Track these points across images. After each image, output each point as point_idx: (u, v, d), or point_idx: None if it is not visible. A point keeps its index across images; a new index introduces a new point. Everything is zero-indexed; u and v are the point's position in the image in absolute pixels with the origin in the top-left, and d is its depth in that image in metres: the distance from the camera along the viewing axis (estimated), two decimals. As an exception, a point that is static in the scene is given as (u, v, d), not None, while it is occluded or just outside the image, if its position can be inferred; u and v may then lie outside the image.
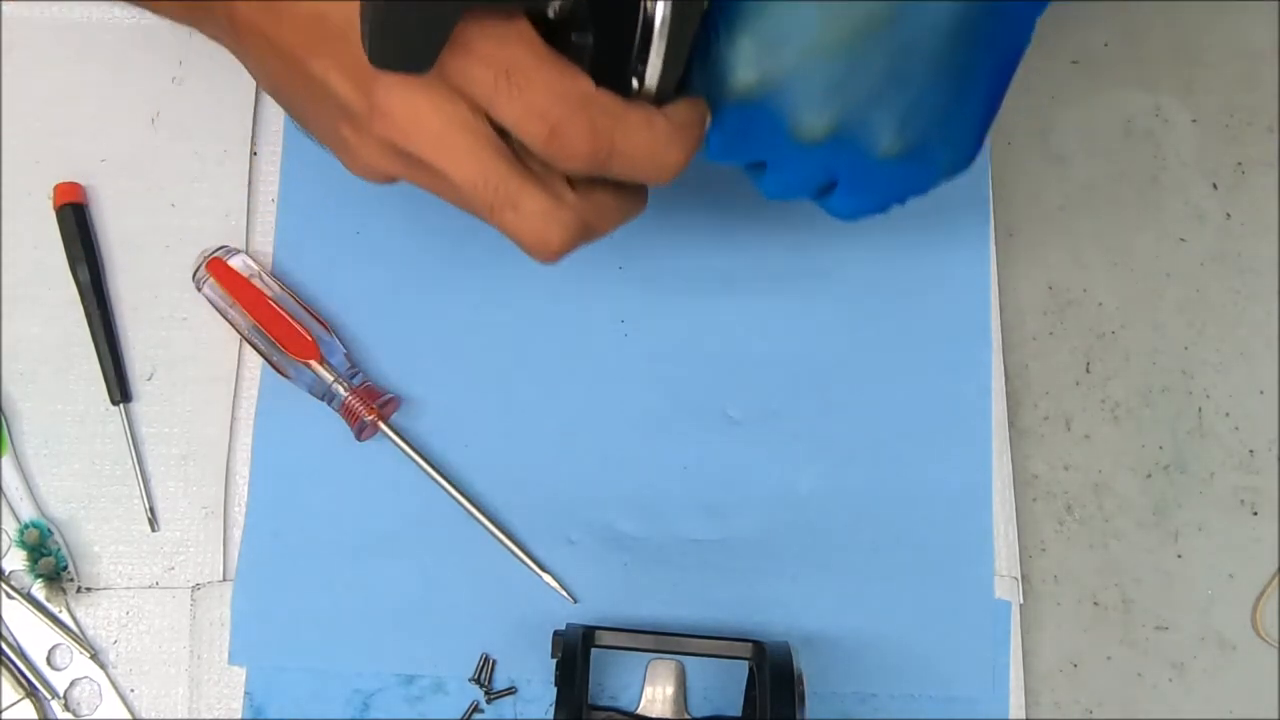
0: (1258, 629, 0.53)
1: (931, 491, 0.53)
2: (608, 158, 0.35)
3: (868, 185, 0.41)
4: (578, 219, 0.37)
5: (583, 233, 0.38)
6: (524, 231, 0.37)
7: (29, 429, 0.52)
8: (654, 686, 0.49)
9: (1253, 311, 0.56)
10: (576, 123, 0.34)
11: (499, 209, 0.37)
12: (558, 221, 0.37)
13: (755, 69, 0.36)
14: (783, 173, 0.41)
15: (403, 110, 0.36)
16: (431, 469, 0.51)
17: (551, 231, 0.37)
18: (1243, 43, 0.58)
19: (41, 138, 0.54)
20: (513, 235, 0.37)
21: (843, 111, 0.38)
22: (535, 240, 0.37)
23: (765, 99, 0.37)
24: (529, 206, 0.36)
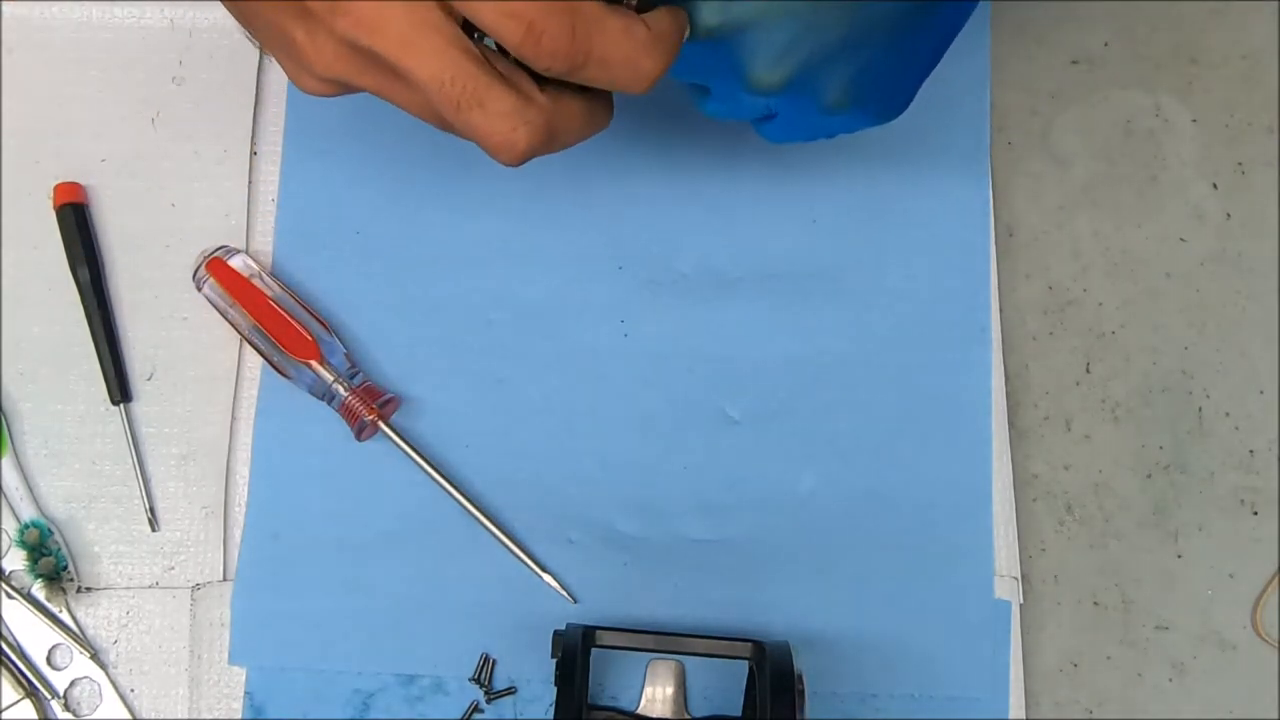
0: (1258, 629, 0.53)
1: (931, 492, 0.53)
2: (585, 61, 0.35)
3: (804, 126, 0.42)
4: (545, 120, 0.37)
5: (549, 136, 0.37)
6: (490, 131, 0.36)
7: (29, 429, 0.52)
8: (654, 686, 0.49)
9: (1253, 311, 0.56)
10: (555, 22, 0.34)
11: (465, 107, 0.36)
12: (525, 121, 0.36)
13: (718, 15, 0.37)
14: (727, 104, 0.41)
15: (368, 6, 0.35)
16: (431, 469, 0.51)
17: (519, 131, 0.36)
18: (1243, 43, 0.58)
19: (41, 138, 0.54)
20: (479, 135, 0.37)
21: (796, 68, 0.39)
22: (501, 140, 0.37)
23: (725, 43, 0.38)
24: (496, 105, 0.36)
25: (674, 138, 0.56)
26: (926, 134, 0.56)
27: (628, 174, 0.55)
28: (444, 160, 0.55)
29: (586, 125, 0.39)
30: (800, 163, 0.56)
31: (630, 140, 0.56)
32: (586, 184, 0.55)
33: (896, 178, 0.56)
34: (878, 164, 0.56)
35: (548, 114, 0.37)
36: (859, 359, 0.54)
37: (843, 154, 0.56)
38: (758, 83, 0.39)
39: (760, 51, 0.38)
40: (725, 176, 0.55)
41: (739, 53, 0.39)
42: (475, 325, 0.54)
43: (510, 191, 0.55)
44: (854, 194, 0.55)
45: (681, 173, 0.55)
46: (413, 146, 0.55)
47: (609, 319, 0.54)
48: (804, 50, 0.39)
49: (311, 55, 0.37)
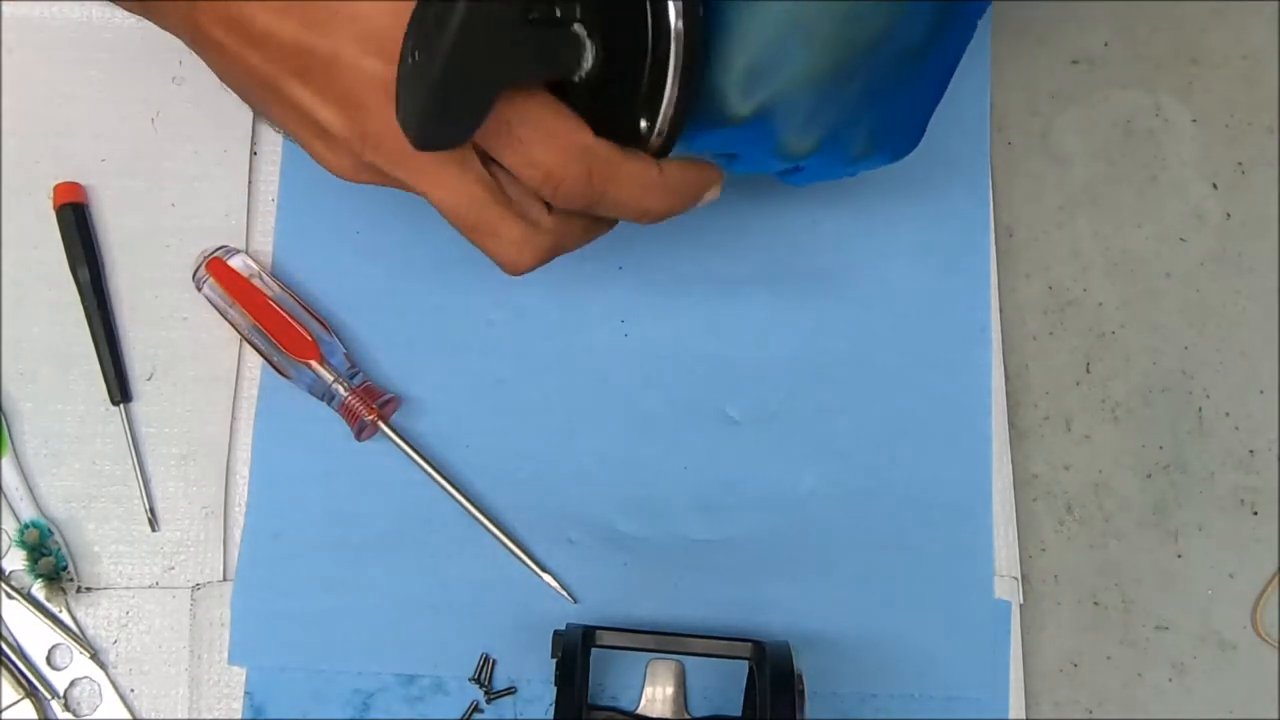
0: (1258, 629, 0.53)
1: (931, 491, 0.53)
2: (598, 202, 0.38)
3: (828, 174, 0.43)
4: (551, 243, 0.40)
5: (553, 254, 0.41)
6: (500, 255, 0.40)
7: (29, 429, 0.52)
8: (654, 686, 0.49)
9: (1253, 311, 0.56)
10: (572, 171, 0.37)
11: (479, 234, 0.39)
12: (532, 246, 0.39)
13: (749, 102, 0.38)
14: (754, 166, 0.42)
15: (395, 143, 0.36)
16: (431, 469, 0.51)
17: (525, 255, 0.40)
18: (1243, 43, 0.58)
19: (41, 138, 0.54)
20: (489, 255, 0.40)
21: (825, 132, 0.40)
22: (509, 262, 0.40)
23: (756, 123, 0.39)
24: (508, 235, 0.39)
25: (674, 138, 0.56)
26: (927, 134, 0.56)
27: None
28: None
29: (590, 235, 0.42)
30: (800, 163, 0.56)
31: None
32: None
33: (896, 178, 0.55)
34: None
35: (554, 237, 0.40)
36: (859, 359, 0.54)
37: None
38: (790, 151, 0.40)
39: (789, 124, 0.39)
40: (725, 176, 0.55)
41: (768, 128, 0.39)
42: (475, 325, 0.54)
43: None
44: (854, 194, 0.55)
45: None
46: (413, 146, 0.55)
47: (609, 319, 0.54)
48: (830, 114, 0.39)
49: (332, 165, 0.40)
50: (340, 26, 0.36)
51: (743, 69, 0.37)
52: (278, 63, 0.37)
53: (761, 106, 0.38)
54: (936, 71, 0.42)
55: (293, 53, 0.37)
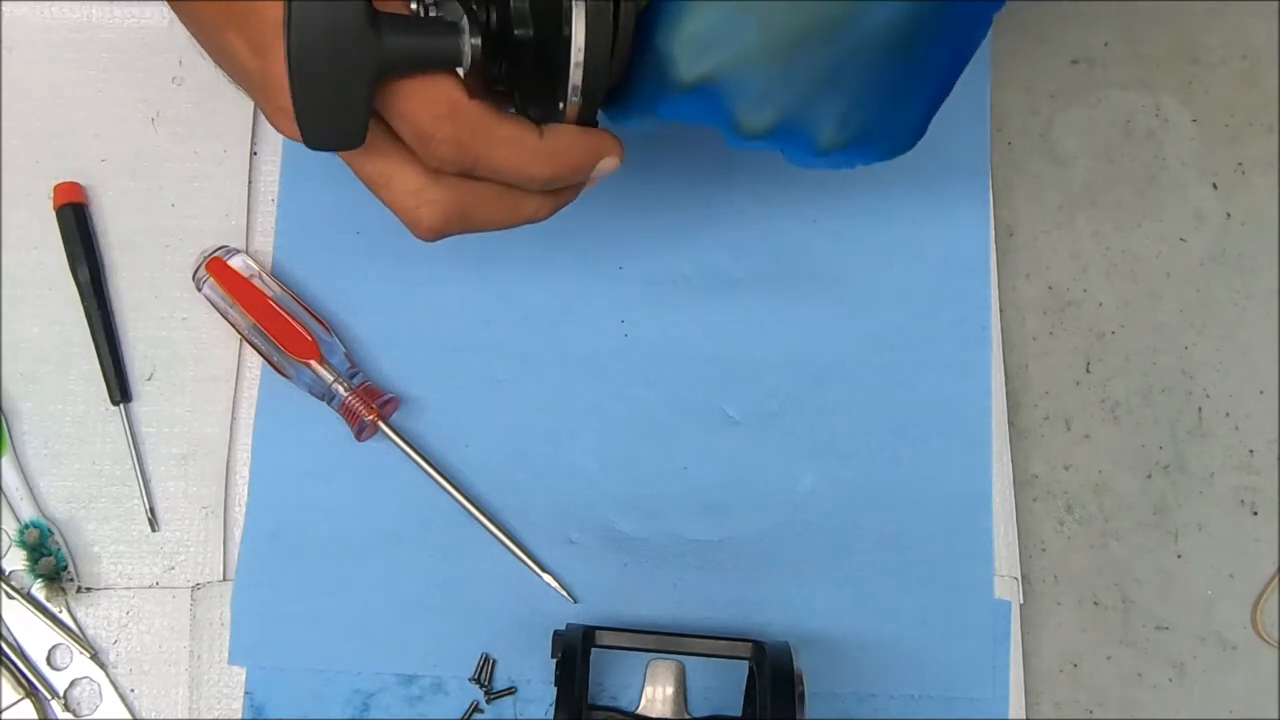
0: (1258, 629, 0.53)
1: (931, 492, 0.53)
2: (474, 165, 0.37)
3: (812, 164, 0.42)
4: (453, 201, 0.38)
5: (460, 217, 0.39)
6: (397, 207, 0.39)
7: (29, 429, 0.52)
8: (654, 686, 0.49)
9: (1253, 311, 0.56)
10: (443, 129, 0.36)
11: (377, 184, 0.39)
12: (429, 200, 0.38)
13: (694, 69, 0.38)
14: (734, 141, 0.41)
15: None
16: (431, 469, 0.51)
17: (422, 208, 0.38)
18: (1243, 43, 0.58)
19: (41, 138, 0.54)
20: (390, 209, 0.39)
21: (781, 111, 0.39)
22: (407, 216, 0.39)
23: (707, 94, 0.38)
24: (401, 183, 0.38)
25: (674, 138, 0.56)
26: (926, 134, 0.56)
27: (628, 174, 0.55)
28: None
29: (508, 212, 0.40)
30: (800, 163, 0.56)
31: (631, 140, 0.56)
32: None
33: (896, 178, 0.55)
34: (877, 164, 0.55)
35: (456, 193, 0.38)
36: (859, 359, 0.54)
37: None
38: (744, 129, 0.39)
39: (743, 98, 0.38)
40: (725, 177, 0.55)
41: (723, 101, 0.39)
42: (475, 325, 0.54)
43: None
44: (854, 194, 0.55)
45: (682, 173, 0.55)
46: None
47: (609, 319, 0.54)
48: (787, 94, 0.39)
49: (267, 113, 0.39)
50: None
51: (690, 36, 0.37)
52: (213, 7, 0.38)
53: (708, 76, 0.38)
54: (933, 69, 0.41)
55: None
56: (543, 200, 0.41)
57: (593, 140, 0.40)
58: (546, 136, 0.38)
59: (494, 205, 0.40)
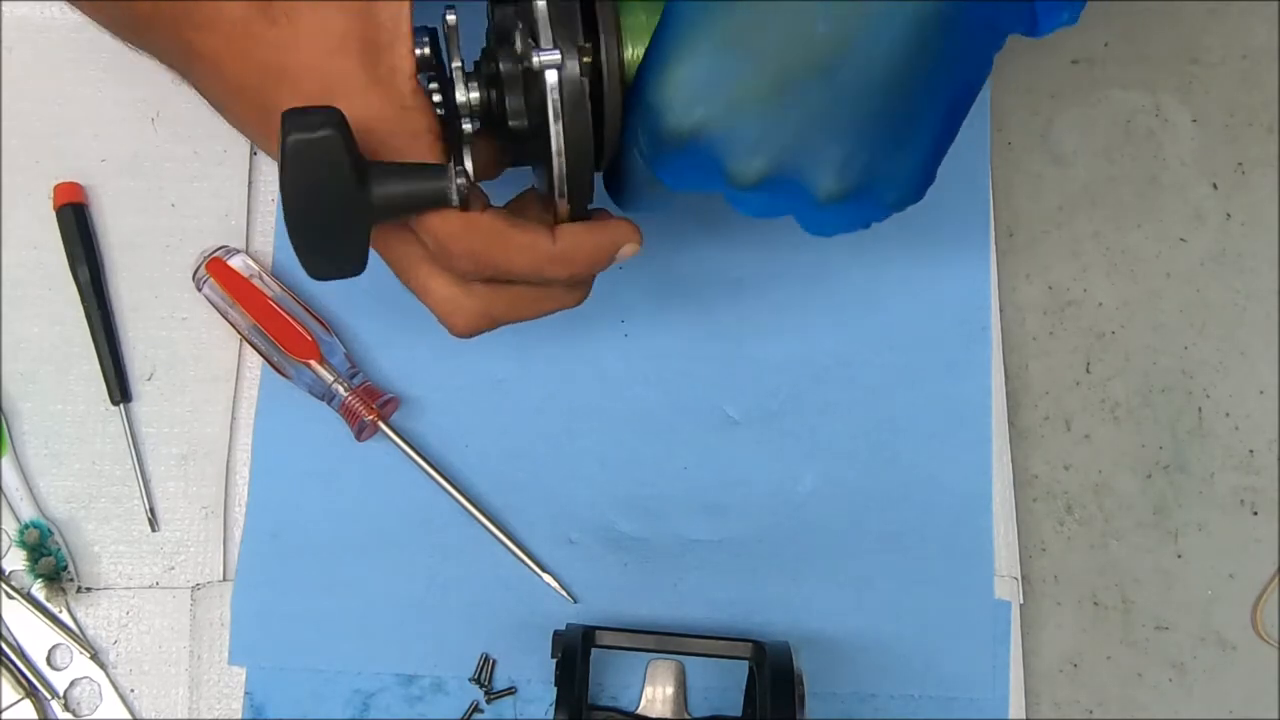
0: (1258, 629, 0.53)
1: (931, 492, 0.53)
2: (493, 273, 0.40)
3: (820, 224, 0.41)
4: (482, 308, 0.41)
5: (489, 320, 0.42)
6: (435, 311, 0.42)
7: (29, 429, 0.52)
8: (654, 686, 0.49)
9: (1253, 311, 0.56)
10: (457, 245, 0.39)
11: (415, 289, 0.42)
12: (460, 310, 0.41)
13: (686, 119, 0.37)
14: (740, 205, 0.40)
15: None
16: (431, 469, 0.51)
17: (455, 315, 0.42)
18: (1243, 43, 0.58)
19: (41, 138, 0.54)
20: (432, 312, 0.42)
21: (775, 158, 0.38)
22: (443, 320, 0.42)
23: (698, 145, 0.37)
24: (437, 292, 0.41)
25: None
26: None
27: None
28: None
29: (538, 307, 0.43)
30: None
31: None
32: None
33: (896, 178, 0.55)
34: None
35: (485, 301, 0.41)
36: (859, 359, 0.54)
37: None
38: (738, 179, 0.38)
39: (733, 148, 0.37)
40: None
41: (715, 154, 0.38)
42: (475, 325, 0.54)
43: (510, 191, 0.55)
44: (854, 194, 0.55)
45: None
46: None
47: (609, 319, 0.54)
48: (781, 136, 0.37)
49: None
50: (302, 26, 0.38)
51: (680, 82, 0.37)
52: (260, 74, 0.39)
53: (701, 124, 0.37)
54: (932, 111, 0.39)
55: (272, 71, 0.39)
56: (567, 291, 0.43)
57: (606, 233, 0.41)
58: (559, 239, 0.40)
59: (522, 305, 0.42)
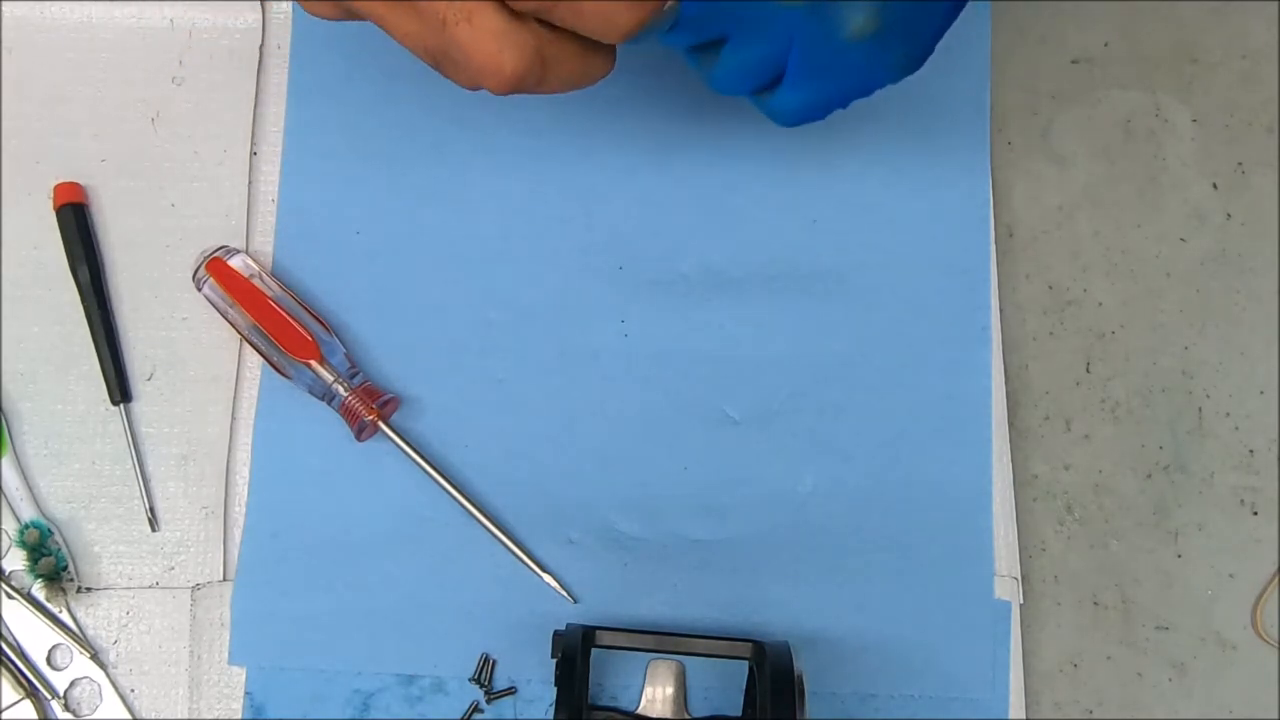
0: (1258, 629, 0.53)
1: (931, 492, 0.53)
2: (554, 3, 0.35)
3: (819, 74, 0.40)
4: (535, 46, 0.36)
5: (538, 65, 0.36)
6: (477, 49, 0.35)
7: (29, 429, 0.52)
8: (654, 686, 0.49)
9: (1253, 311, 0.56)
10: None
11: (452, 22, 0.35)
12: (513, 43, 0.35)
13: None
14: (741, 48, 0.39)
15: None
16: (431, 469, 0.51)
17: (506, 53, 0.35)
18: (1243, 43, 0.58)
19: (41, 138, 0.54)
20: (465, 53, 0.36)
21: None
22: (488, 60, 0.35)
23: None
24: (485, 21, 0.35)
25: (675, 138, 0.56)
26: (926, 134, 0.56)
27: (628, 174, 0.55)
28: (444, 160, 0.55)
29: (581, 68, 0.38)
30: (801, 162, 0.56)
31: (631, 140, 0.56)
32: (587, 184, 0.55)
33: (896, 177, 0.56)
34: (877, 164, 0.56)
35: (539, 40, 0.36)
36: (859, 359, 0.54)
37: (843, 154, 0.56)
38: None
39: None
40: (725, 176, 0.55)
41: None
42: (475, 325, 0.54)
43: (511, 191, 0.55)
44: (854, 194, 0.55)
45: (682, 173, 0.55)
46: (413, 146, 0.55)
47: (609, 319, 0.54)
48: None
49: None
50: None
51: None
52: None
53: None
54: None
55: None
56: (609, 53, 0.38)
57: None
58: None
59: (573, 57, 0.37)
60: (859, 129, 0.56)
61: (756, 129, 0.55)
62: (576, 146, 0.55)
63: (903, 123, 0.56)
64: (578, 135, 0.56)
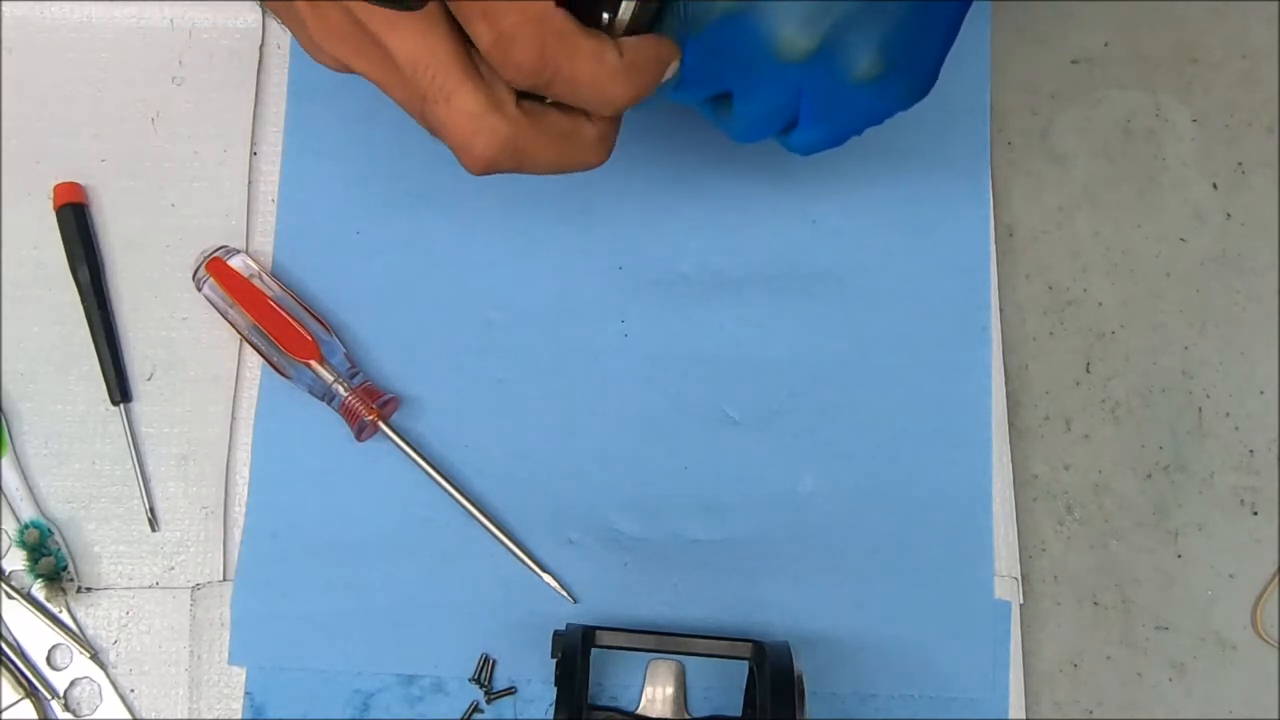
0: (1258, 629, 0.53)
1: (931, 491, 0.53)
2: (552, 79, 0.35)
3: (832, 114, 0.40)
4: (510, 132, 0.36)
5: (513, 152, 0.37)
6: (452, 128, 0.36)
7: (29, 429, 0.52)
8: (654, 686, 0.49)
9: (1253, 311, 0.56)
10: (527, 34, 0.34)
11: (433, 99, 0.36)
12: (487, 127, 0.36)
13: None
14: (751, 102, 0.40)
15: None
16: (431, 469, 0.51)
17: (479, 136, 0.36)
18: (1243, 43, 0.58)
19: (41, 138, 0.54)
20: (442, 130, 0.37)
21: (828, 29, 0.37)
22: (461, 139, 0.36)
23: (751, 14, 0.37)
24: (462, 103, 0.36)
25: (675, 138, 0.56)
26: (926, 134, 0.56)
27: (628, 174, 0.55)
28: (445, 160, 0.54)
29: (563, 154, 0.38)
30: (800, 163, 0.55)
31: (631, 139, 0.56)
32: (587, 184, 0.55)
33: (896, 178, 0.56)
34: (877, 164, 0.56)
35: (515, 127, 0.36)
36: (859, 359, 0.54)
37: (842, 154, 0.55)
38: (787, 51, 0.37)
39: (787, 18, 0.37)
40: (725, 176, 0.55)
41: (766, 24, 0.37)
42: (475, 325, 0.54)
43: (511, 192, 0.55)
44: (854, 194, 0.55)
45: (682, 173, 0.55)
46: (413, 147, 0.55)
47: (609, 319, 0.54)
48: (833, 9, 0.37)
49: (315, 29, 0.38)
50: None
51: None
52: None
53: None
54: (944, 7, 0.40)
55: None
56: (598, 140, 0.39)
57: (660, 46, 0.37)
58: (626, 52, 0.36)
59: (551, 144, 0.38)
60: (859, 129, 0.56)
61: (756, 129, 0.55)
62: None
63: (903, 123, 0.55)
64: (578, 135, 0.56)
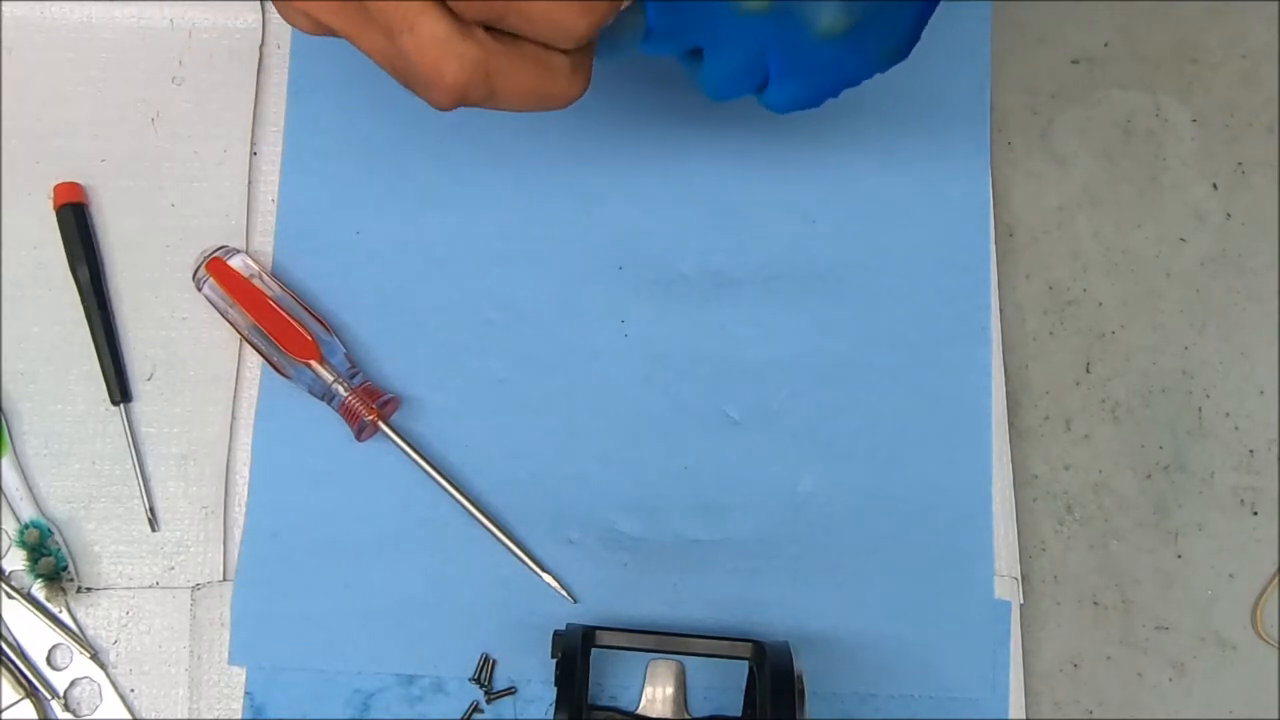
0: (1258, 629, 0.53)
1: (931, 491, 0.53)
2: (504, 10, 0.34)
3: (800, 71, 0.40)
4: (480, 55, 0.35)
5: (485, 76, 0.35)
6: (418, 56, 0.35)
7: (29, 429, 0.52)
8: (654, 686, 0.49)
9: (1253, 311, 0.56)
10: None
11: (399, 29, 0.35)
12: (455, 53, 0.35)
13: None
14: (719, 58, 0.39)
15: None
16: (431, 469, 0.51)
17: (447, 61, 0.35)
18: (1243, 43, 0.58)
19: (41, 138, 0.54)
20: (409, 63, 0.35)
21: None
22: (429, 67, 0.35)
23: None
24: (427, 29, 0.34)
25: (675, 137, 0.56)
26: (926, 134, 0.56)
27: (628, 174, 0.55)
28: (444, 160, 0.55)
29: (537, 85, 0.37)
30: (800, 162, 0.56)
31: (630, 139, 0.56)
32: (586, 184, 0.55)
33: (896, 177, 0.56)
34: (877, 164, 0.56)
35: (485, 52, 0.35)
36: (859, 359, 0.54)
37: (842, 153, 0.56)
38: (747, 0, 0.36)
39: None
40: (725, 177, 0.55)
41: None
42: (475, 325, 0.54)
43: (510, 191, 0.55)
44: (854, 194, 0.55)
45: (681, 173, 0.55)
46: (413, 147, 0.55)
47: (609, 319, 0.54)
48: None
49: None
50: None
51: None
52: None
53: None
54: None
55: None
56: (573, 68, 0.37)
57: None
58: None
59: (524, 71, 0.36)
60: (859, 129, 0.56)
61: (756, 129, 0.55)
62: (577, 146, 0.55)
63: (903, 123, 0.56)
64: (578, 135, 0.56)
